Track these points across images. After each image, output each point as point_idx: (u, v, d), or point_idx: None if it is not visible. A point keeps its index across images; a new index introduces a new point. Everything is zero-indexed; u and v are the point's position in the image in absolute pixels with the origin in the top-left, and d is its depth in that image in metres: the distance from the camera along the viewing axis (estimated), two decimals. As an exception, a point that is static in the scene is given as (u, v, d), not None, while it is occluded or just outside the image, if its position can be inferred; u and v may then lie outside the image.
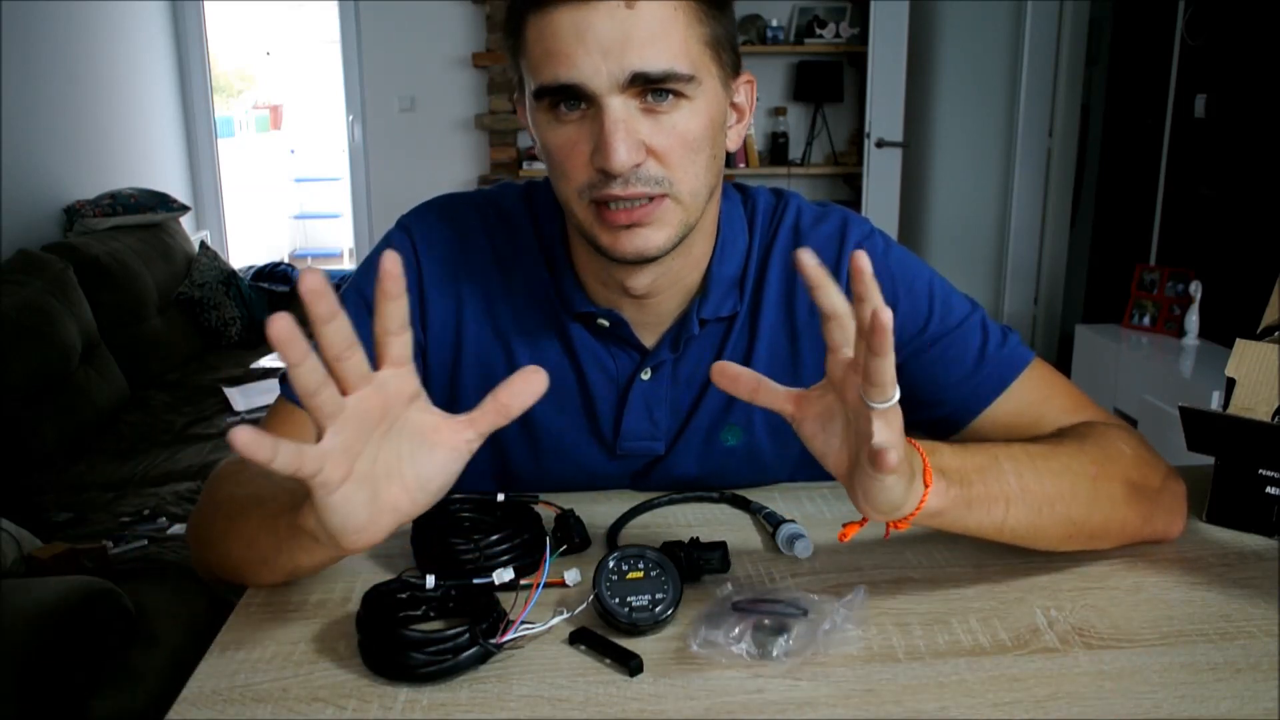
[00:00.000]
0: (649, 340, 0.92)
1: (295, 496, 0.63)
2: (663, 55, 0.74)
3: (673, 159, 0.77)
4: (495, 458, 0.97)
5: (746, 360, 0.92)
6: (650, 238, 0.79)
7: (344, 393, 0.57)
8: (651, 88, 0.75)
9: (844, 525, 0.67)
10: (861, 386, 0.59)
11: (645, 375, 0.91)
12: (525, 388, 0.62)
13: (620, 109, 0.74)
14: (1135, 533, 0.82)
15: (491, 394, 0.62)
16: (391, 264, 0.56)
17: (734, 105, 0.84)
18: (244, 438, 0.51)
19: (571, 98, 0.75)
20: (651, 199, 0.78)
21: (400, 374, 0.60)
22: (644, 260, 0.81)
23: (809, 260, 0.60)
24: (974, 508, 0.71)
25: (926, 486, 0.66)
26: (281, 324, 0.51)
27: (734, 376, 0.68)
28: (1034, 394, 0.89)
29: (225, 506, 0.79)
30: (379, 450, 0.60)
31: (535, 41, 0.76)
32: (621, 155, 0.74)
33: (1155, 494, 0.82)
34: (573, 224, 0.84)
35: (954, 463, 0.70)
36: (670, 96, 0.76)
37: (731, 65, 0.82)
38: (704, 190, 0.81)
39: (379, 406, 0.59)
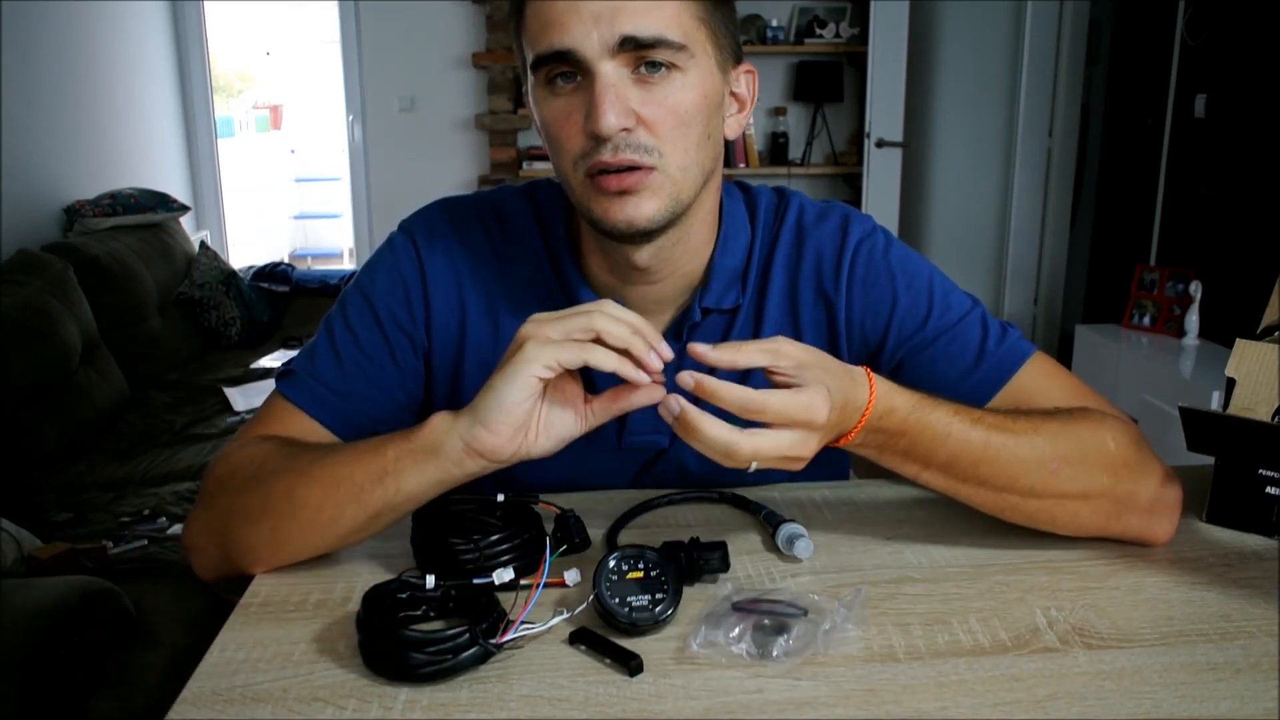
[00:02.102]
0: None
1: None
2: (654, 22, 0.75)
3: (663, 130, 0.78)
4: None
5: None
6: (640, 206, 0.80)
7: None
8: (644, 58, 0.76)
9: None
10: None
11: None
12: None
13: (611, 74, 0.76)
14: (1097, 528, 0.82)
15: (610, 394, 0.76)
16: None
17: (734, 95, 0.86)
18: None
19: (566, 68, 0.77)
20: (641, 168, 0.79)
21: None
22: (636, 232, 0.81)
23: (699, 351, 0.72)
24: (885, 456, 0.78)
25: (848, 434, 0.74)
26: None
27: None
28: (1034, 385, 0.89)
29: (274, 466, 0.80)
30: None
31: (533, 16, 0.78)
32: (610, 119, 0.75)
33: (1128, 494, 0.81)
34: (573, 201, 0.84)
35: (892, 422, 0.75)
36: (663, 69, 0.77)
37: (731, 52, 0.83)
38: (695, 167, 0.81)
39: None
